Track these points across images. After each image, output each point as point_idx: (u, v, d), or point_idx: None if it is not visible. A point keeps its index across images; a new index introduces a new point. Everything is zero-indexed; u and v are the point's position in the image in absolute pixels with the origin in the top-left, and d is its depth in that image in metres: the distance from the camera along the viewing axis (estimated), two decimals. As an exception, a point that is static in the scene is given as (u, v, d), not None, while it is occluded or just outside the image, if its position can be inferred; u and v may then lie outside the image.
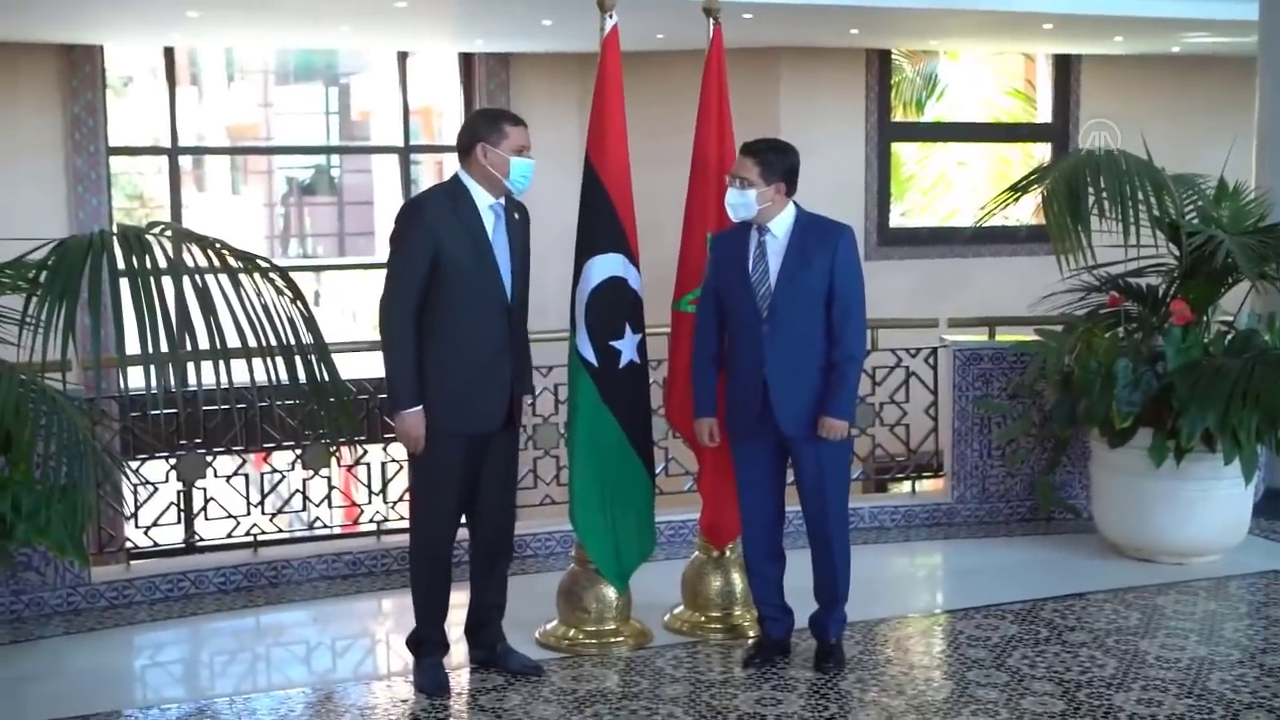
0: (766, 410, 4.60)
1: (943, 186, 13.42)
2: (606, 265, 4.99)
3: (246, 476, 6.13)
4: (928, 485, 7.32)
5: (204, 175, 16.51)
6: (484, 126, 4.53)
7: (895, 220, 12.34)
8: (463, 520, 4.69)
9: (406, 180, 12.02)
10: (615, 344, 5.00)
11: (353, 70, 16.44)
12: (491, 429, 4.55)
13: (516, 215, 4.59)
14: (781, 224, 4.64)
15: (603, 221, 5.01)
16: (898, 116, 12.36)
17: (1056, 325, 6.43)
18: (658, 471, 5.65)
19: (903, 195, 13.08)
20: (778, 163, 4.61)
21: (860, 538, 6.36)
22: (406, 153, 12.03)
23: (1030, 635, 5.09)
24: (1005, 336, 6.80)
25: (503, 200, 4.53)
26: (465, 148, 4.52)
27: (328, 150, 16.78)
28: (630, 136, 5.16)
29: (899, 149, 12.60)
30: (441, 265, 4.39)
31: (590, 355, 4.99)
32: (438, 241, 4.39)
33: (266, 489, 6.25)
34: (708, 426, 4.81)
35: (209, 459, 6.00)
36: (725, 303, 4.70)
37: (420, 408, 4.43)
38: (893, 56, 12.02)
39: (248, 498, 6.13)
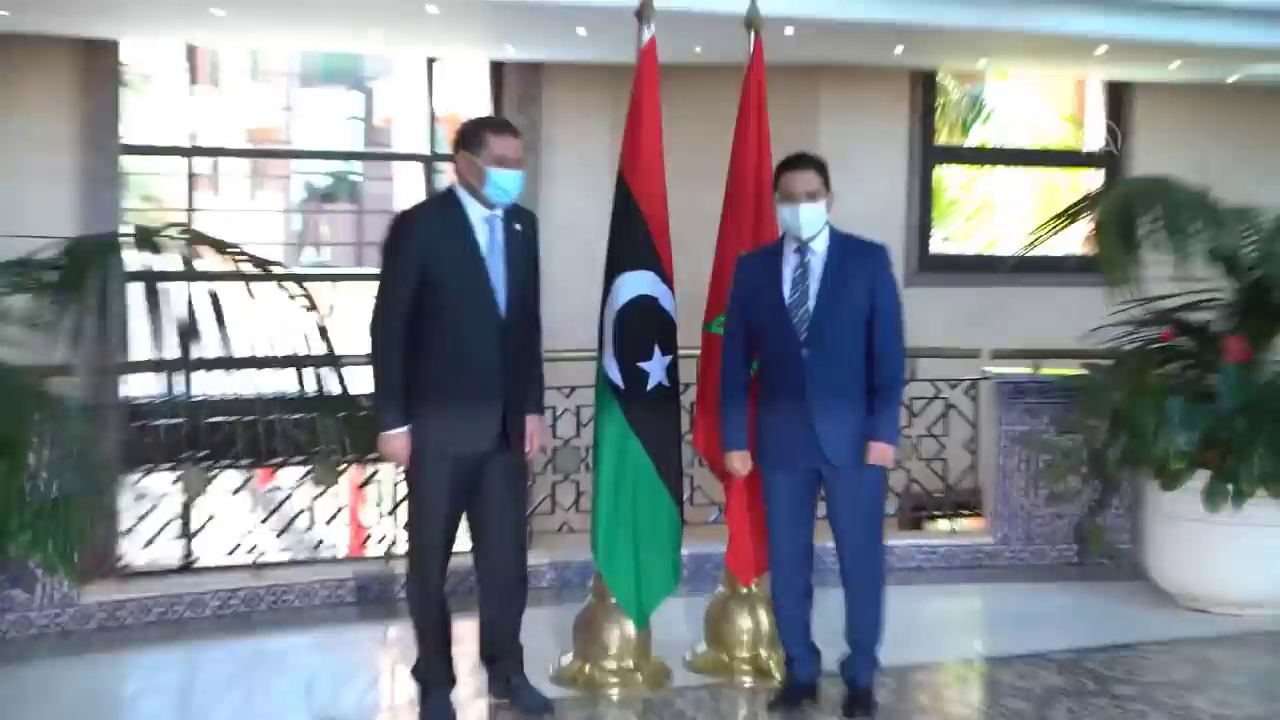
0: (808, 439, 4.55)
1: (987, 212, 13.35)
2: (636, 282, 4.96)
3: (253, 494, 6.10)
4: (967, 524, 7.24)
5: (220, 178, 16.58)
6: (467, 134, 4.52)
7: (936, 246, 12.26)
8: (462, 549, 4.62)
9: (430, 190, 12.00)
10: (643, 365, 4.97)
11: (378, 75, 16.50)
12: (481, 449, 4.49)
13: (518, 225, 4.54)
14: (823, 241, 4.62)
15: (633, 236, 4.99)
16: (942, 140, 12.31)
17: (1105, 360, 6.35)
18: (685, 498, 5.59)
19: (944, 220, 13.00)
20: (828, 173, 4.64)
21: (895, 578, 6.26)
22: (431, 161, 12.01)
23: (1075, 687, 4.99)
24: (1051, 370, 6.72)
25: (499, 212, 4.48)
26: (453, 157, 4.53)
27: (349, 156, 16.84)
28: (665, 150, 5.12)
29: (942, 173, 12.54)
30: (430, 279, 4.37)
31: (617, 376, 4.96)
32: (425, 254, 4.37)
33: (271, 507, 6.21)
34: (739, 459, 4.75)
35: (212, 473, 5.96)
36: (757, 327, 4.65)
37: (405, 428, 4.41)
38: (938, 78, 11.97)
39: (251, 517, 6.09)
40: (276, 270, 4.41)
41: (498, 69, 11.42)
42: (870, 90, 11.36)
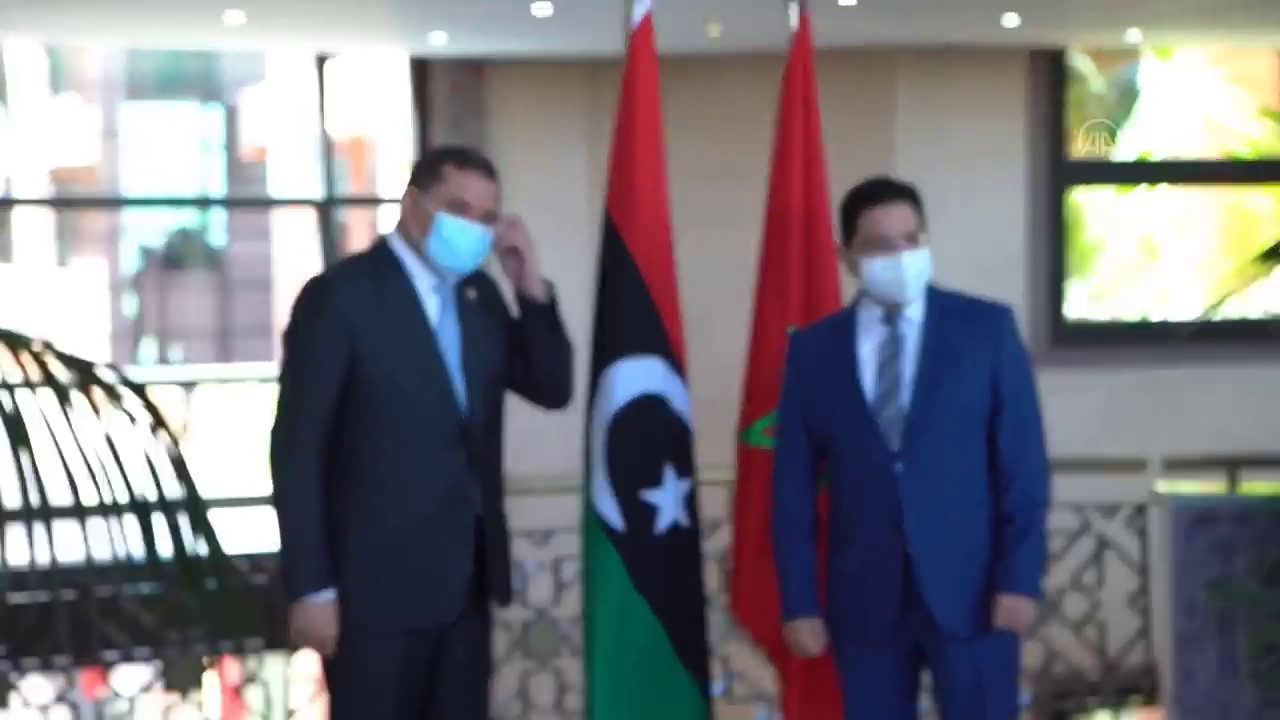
0: (908, 595, 4.58)
1: (1149, 257, 13.42)
2: (637, 375, 5.02)
3: (76, 708, 6.11)
4: (1136, 718, 7.22)
5: (12, 239, 16.68)
6: (420, 165, 4.62)
7: (1075, 308, 12.32)
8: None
9: (329, 248, 12.10)
10: (649, 496, 5.01)
11: (243, 81, 16.66)
12: (450, 617, 4.53)
13: (473, 294, 4.62)
14: (917, 304, 4.66)
15: (630, 309, 5.05)
16: (1077, 151, 12.40)
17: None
18: (716, 693, 5.61)
19: (1086, 270, 13.08)
20: (922, 209, 4.68)
21: (1031, 801, 6.30)
22: (327, 207, 12.13)
23: None
24: (1254, 486, 6.75)
25: (450, 280, 4.56)
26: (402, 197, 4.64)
27: (205, 203, 16.97)
28: (670, 181, 5.21)
29: (1079, 199, 12.63)
30: (361, 376, 4.43)
31: (613, 515, 4.99)
32: (354, 341, 4.43)
33: (104, 726, 6.24)
34: (808, 630, 4.75)
35: (14, 676, 5.98)
36: (825, 434, 4.69)
37: (330, 593, 4.45)
38: (1069, 59, 12.10)
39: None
40: (103, 375, 4.47)
41: (421, 70, 11.55)
42: (969, 81, 11.48)
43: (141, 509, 4.30)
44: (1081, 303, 12.69)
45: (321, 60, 11.60)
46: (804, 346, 4.80)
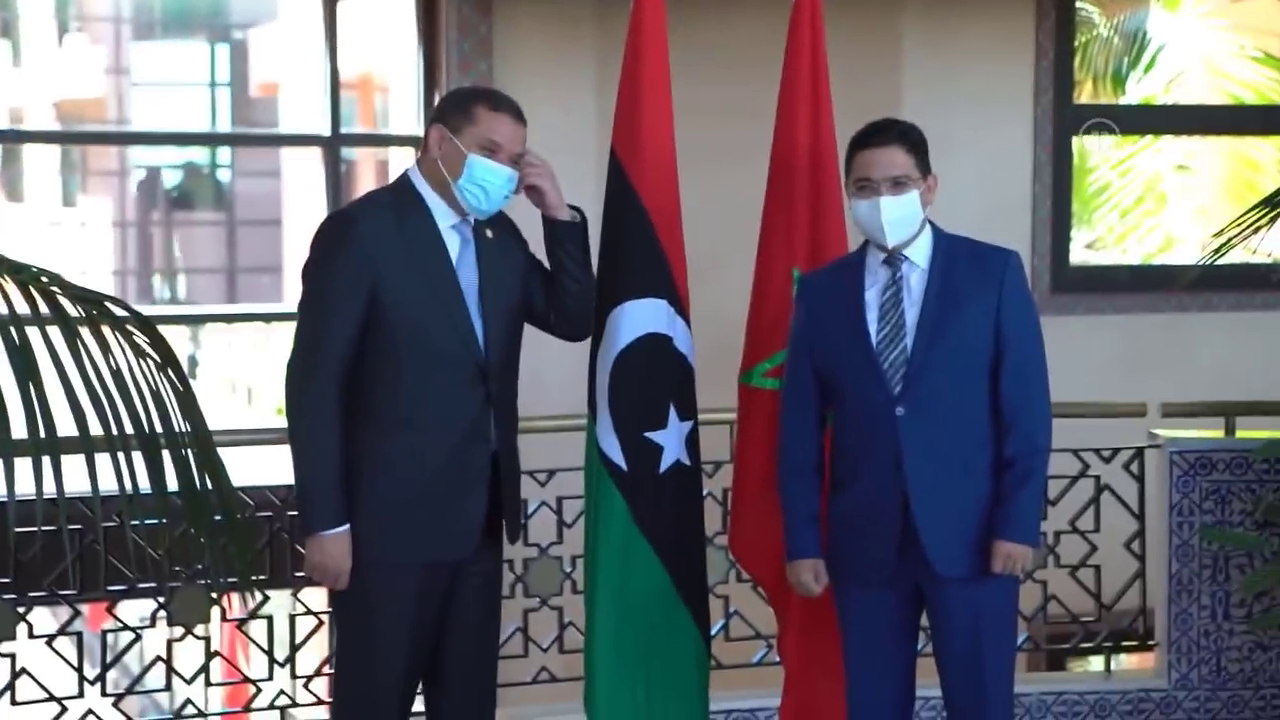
0: (907, 538, 4.60)
1: (1154, 203, 13.41)
2: (642, 316, 5.05)
3: (79, 636, 6.13)
4: (1130, 661, 7.24)
5: (22, 175, 16.61)
6: (449, 103, 4.62)
7: (1079, 255, 12.31)
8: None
9: (334, 187, 12.06)
10: (654, 436, 5.04)
11: (251, 20, 16.61)
12: (463, 554, 4.57)
13: (490, 233, 4.63)
14: (922, 248, 4.68)
15: (637, 251, 5.07)
16: (1084, 96, 12.36)
17: (1331, 416, 6.41)
18: (714, 632, 5.64)
19: (1091, 217, 13.07)
20: (925, 147, 4.69)
21: (1027, 741, 6.33)
22: (335, 145, 12.10)
23: None
24: (1251, 432, 6.76)
25: (470, 220, 4.58)
26: (425, 136, 4.62)
27: (213, 140, 16.90)
28: (676, 120, 5.21)
29: (1086, 145, 12.61)
30: (382, 313, 4.45)
31: (617, 455, 5.03)
32: (376, 277, 4.44)
33: (109, 657, 6.25)
34: (810, 570, 4.77)
35: (20, 610, 6.00)
36: (830, 376, 4.71)
37: (345, 528, 4.48)
38: (1078, 5, 12.05)
39: (80, 669, 6.12)
40: (112, 310, 4.47)
41: (430, 6, 11.53)
42: (976, 24, 11.44)
43: (149, 443, 4.32)
44: (1085, 249, 12.69)
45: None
46: (813, 288, 4.82)
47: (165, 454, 4.35)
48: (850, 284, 4.69)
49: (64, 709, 6.06)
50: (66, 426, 4.12)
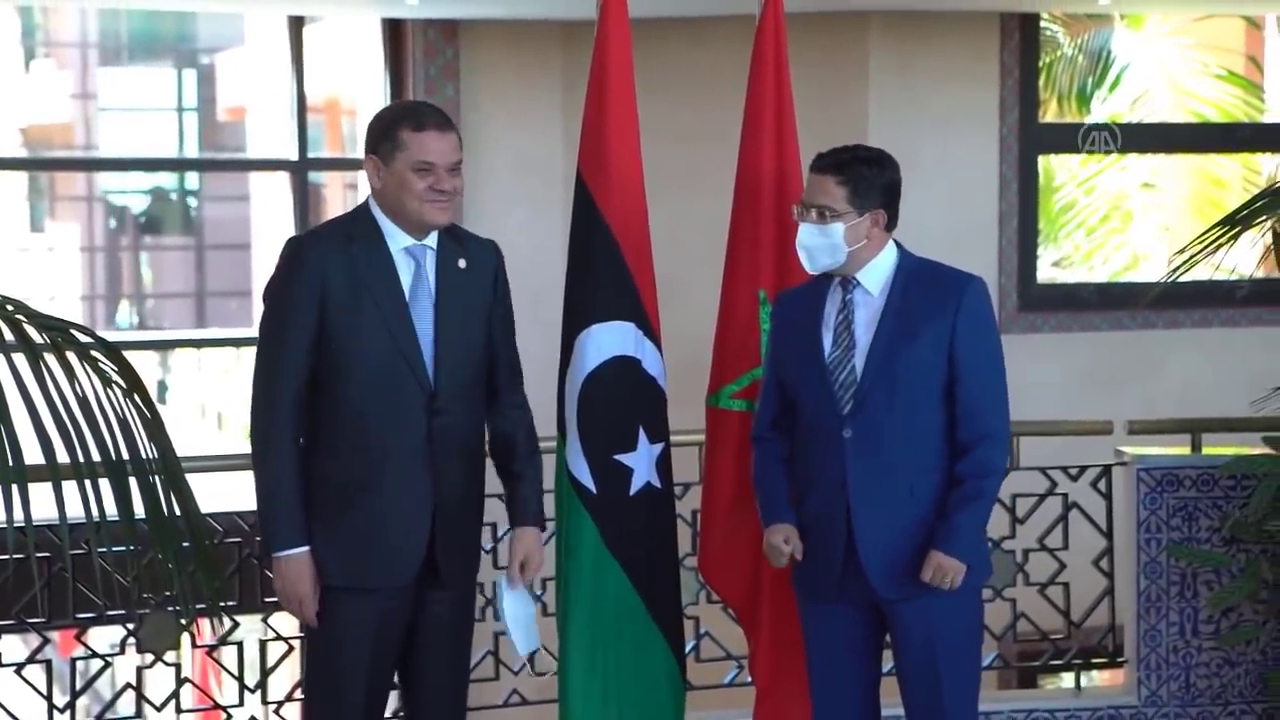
0: (851, 558, 4.62)
1: (1120, 221, 13.45)
2: (609, 339, 5.05)
3: (49, 664, 6.11)
4: (1100, 678, 7.25)
5: (-13, 201, 16.61)
6: (375, 134, 4.60)
7: (1045, 272, 12.34)
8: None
9: (303, 210, 12.07)
10: (623, 459, 5.05)
11: (218, 45, 16.61)
12: (404, 580, 4.55)
13: (463, 263, 4.62)
14: (877, 274, 4.67)
15: (604, 274, 5.07)
16: (1049, 116, 12.40)
17: (1297, 432, 6.43)
18: (687, 651, 5.64)
19: (1057, 235, 13.10)
20: (872, 180, 4.64)
21: (997, 759, 6.33)
22: (302, 169, 12.10)
23: None
24: (1217, 449, 6.78)
25: (430, 242, 4.58)
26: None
27: (180, 165, 16.91)
28: (642, 144, 5.22)
29: (1051, 164, 12.64)
30: (328, 336, 4.47)
31: (586, 478, 5.04)
32: (324, 299, 4.46)
33: (79, 684, 6.23)
34: (782, 535, 4.71)
35: (-10, 637, 5.98)
36: (791, 392, 4.75)
37: (303, 550, 4.49)
38: (1043, 24, 12.09)
39: (49, 697, 6.10)
40: (78, 336, 4.46)
41: (396, 31, 11.53)
42: (942, 44, 11.47)
43: (116, 470, 4.31)
44: (1050, 267, 12.72)
45: (296, 22, 11.57)
46: (783, 307, 4.85)
47: (133, 480, 4.35)
48: (813, 303, 4.72)
49: (34, 737, 6.04)
50: (34, 454, 4.11)
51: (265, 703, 6.21)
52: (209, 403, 15.43)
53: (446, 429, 4.55)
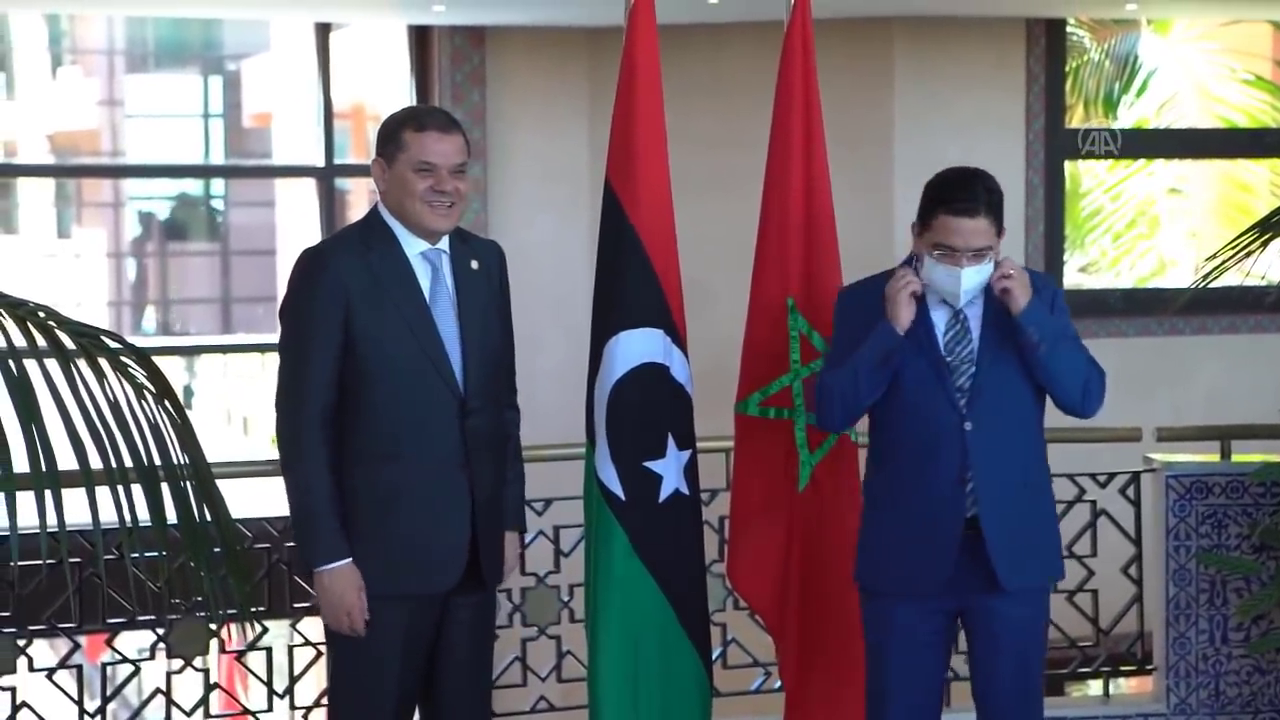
0: (970, 555, 4.65)
1: (1147, 227, 13.43)
2: (638, 346, 5.05)
3: (79, 669, 6.13)
4: (1129, 686, 7.24)
5: (15, 207, 16.64)
6: (381, 135, 4.60)
7: (1072, 278, 12.34)
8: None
9: (328, 216, 12.10)
10: (652, 465, 5.05)
11: (245, 51, 16.64)
12: (445, 587, 4.57)
13: (475, 264, 4.64)
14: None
15: (632, 280, 5.07)
16: (1076, 121, 12.39)
17: (1329, 438, 6.43)
18: (714, 658, 5.64)
19: (1084, 241, 13.09)
20: (1002, 207, 4.75)
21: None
22: (329, 175, 12.12)
23: None
24: (1247, 456, 6.77)
25: (444, 246, 4.60)
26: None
27: (207, 172, 16.94)
28: (670, 150, 5.23)
29: (1078, 169, 12.63)
30: (355, 345, 4.47)
31: (615, 484, 5.03)
32: (348, 309, 4.46)
33: (109, 689, 6.25)
34: (905, 302, 4.61)
35: (20, 643, 6.00)
36: (890, 391, 4.70)
37: (348, 560, 4.49)
38: (1069, 30, 12.08)
39: (80, 702, 6.12)
40: (109, 343, 4.47)
41: (422, 37, 11.55)
42: (967, 50, 11.47)
43: (148, 475, 4.32)
44: (1077, 273, 12.71)
45: (324, 29, 11.60)
46: (864, 302, 4.76)
47: (164, 486, 4.36)
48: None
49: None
50: (67, 460, 4.13)
51: (293, 708, 6.22)
52: (234, 408, 15.45)
53: (476, 430, 4.57)
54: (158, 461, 4.33)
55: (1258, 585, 6.59)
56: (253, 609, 5.54)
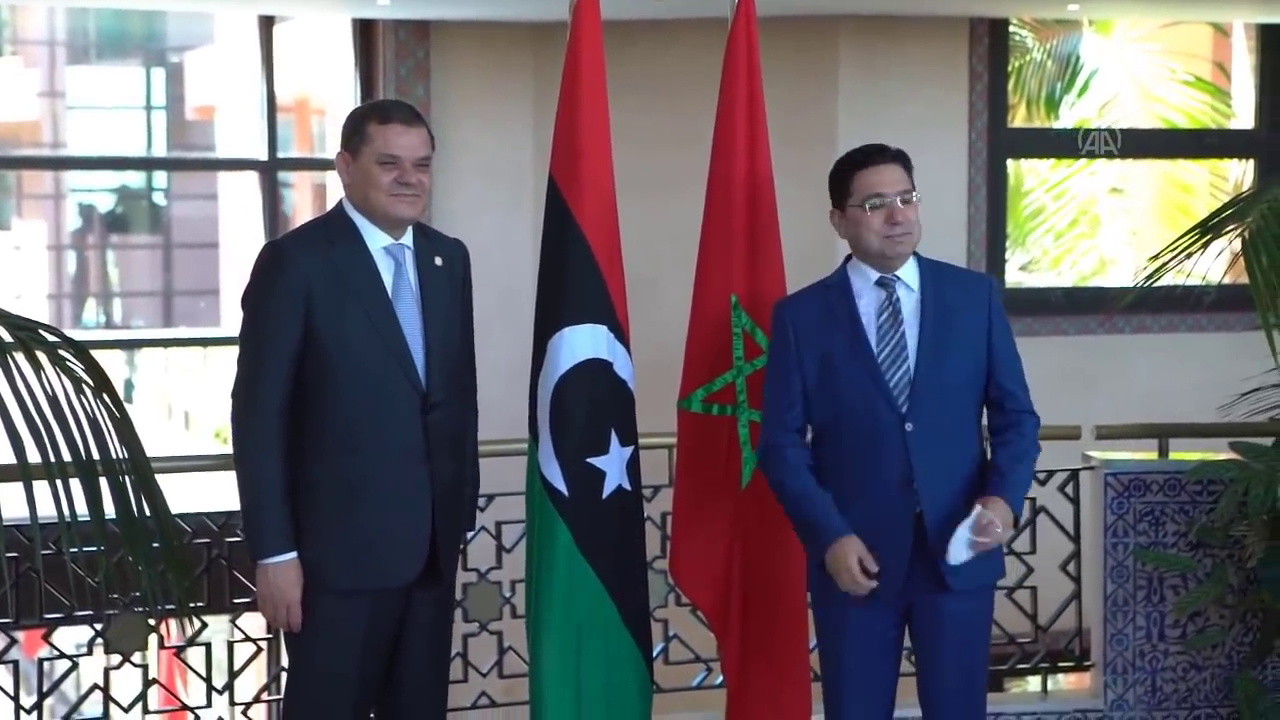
0: (917, 554, 4.65)
1: (1088, 226, 13.49)
2: (582, 342, 5.04)
3: (15, 664, 6.09)
4: (1067, 681, 7.27)
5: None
6: (345, 128, 4.62)
7: (1013, 276, 12.38)
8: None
9: (272, 210, 12.05)
10: (595, 462, 5.04)
11: (188, 44, 16.56)
12: (405, 580, 4.57)
13: (439, 260, 4.65)
14: (911, 269, 4.77)
15: (576, 276, 5.06)
16: (1018, 120, 12.44)
17: (1264, 437, 6.45)
18: (655, 653, 5.64)
19: (1025, 239, 13.14)
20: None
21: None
22: (272, 168, 12.07)
23: None
24: (1185, 454, 6.81)
25: (407, 241, 4.60)
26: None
27: (149, 164, 16.86)
28: (614, 148, 5.22)
29: (1020, 169, 12.67)
30: (316, 339, 4.47)
31: (559, 480, 5.02)
32: (309, 303, 4.46)
33: (46, 685, 6.21)
34: (855, 554, 4.60)
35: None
36: (828, 398, 4.71)
37: (290, 555, 4.49)
38: (1011, 30, 12.13)
39: (16, 698, 6.08)
40: (46, 336, 4.45)
41: (367, 31, 11.51)
42: (911, 49, 11.49)
43: (86, 470, 4.30)
44: (1018, 272, 12.76)
45: (266, 22, 11.54)
46: (800, 312, 4.79)
47: (102, 480, 4.34)
48: (840, 305, 4.73)
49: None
50: (4, 454, 4.10)
51: (233, 704, 6.20)
52: (176, 402, 15.39)
53: (438, 424, 4.58)
54: (96, 456, 4.32)
55: (1194, 582, 6.62)
56: (192, 604, 5.54)
